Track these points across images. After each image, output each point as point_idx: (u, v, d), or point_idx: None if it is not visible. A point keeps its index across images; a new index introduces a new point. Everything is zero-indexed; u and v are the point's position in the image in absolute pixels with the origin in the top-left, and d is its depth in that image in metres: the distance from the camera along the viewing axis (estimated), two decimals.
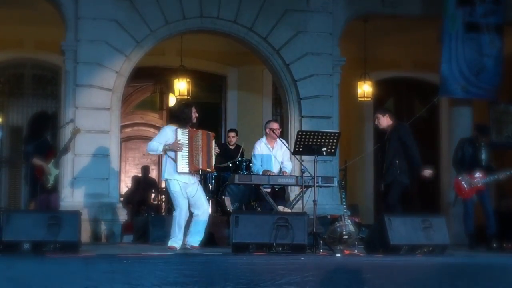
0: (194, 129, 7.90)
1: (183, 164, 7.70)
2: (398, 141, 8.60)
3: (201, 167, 7.76)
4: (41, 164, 8.74)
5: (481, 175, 9.28)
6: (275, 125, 9.08)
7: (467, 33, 11.10)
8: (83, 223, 6.96)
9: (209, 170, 8.02)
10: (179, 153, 7.71)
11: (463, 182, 9.34)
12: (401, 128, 8.78)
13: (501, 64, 11.20)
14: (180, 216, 7.79)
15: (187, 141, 7.75)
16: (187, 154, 7.71)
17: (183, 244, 7.86)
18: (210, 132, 8.07)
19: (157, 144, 7.81)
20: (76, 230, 6.81)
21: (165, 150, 7.77)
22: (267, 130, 9.03)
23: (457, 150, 9.56)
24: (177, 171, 7.71)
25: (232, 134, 10.78)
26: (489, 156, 9.48)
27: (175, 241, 7.83)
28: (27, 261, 5.85)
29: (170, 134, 7.81)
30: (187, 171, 7.72)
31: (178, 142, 7.70)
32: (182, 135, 7.76)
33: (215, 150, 8.08)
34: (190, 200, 7.84)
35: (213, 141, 8.05)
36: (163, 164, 8.01)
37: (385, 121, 8.81)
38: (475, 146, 9.44)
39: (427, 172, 8.60)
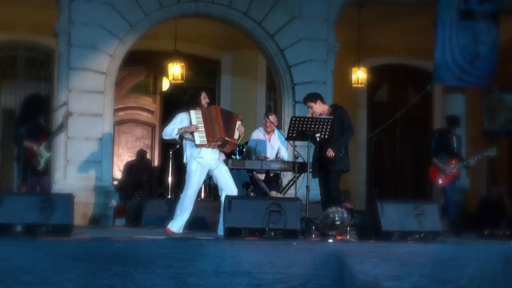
0: (207, 108, 7.76)
1: (201, 138, 7.54)
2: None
3: (218, 135, 7.57)
4: (31, 146, 8.72)
5: (455, 162, 9.55)
6: (272, 117, 9.14)
7: (461, 21, 11.08)
8: (76, 206, 6.93)
9: (228, 139, 7.67)
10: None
11: (440, 172, 9.53)
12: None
13: (496, 52, 11.20)
14: (184, 198, 7.65)
15: (201, 119, 7.60)
16: (203, 129, 7.56)
17: (185, 229, 7.72)
18: (234, 113, 8.02)
19: (172, 127, 7.63)
20: (69, 213, 6.78)
21: (181, 133, 7.61)
22: (264, 120, 9.16)
23: (431, 141, 9.82)
24: (195, 147, 7.55)
25: None
26: (459, 145, 9.76)
27: (174, 225, 7.68)
28: (19, 244, 5.84)
29: (184, 117, 7.65)
30: (205, 144, 7.56)
31: (193, 124, 7.53)
32: (196, 114, 7.61)
33: (239, 129, 7.86)
34: (214, 174, 7.73)
35: (238, 122, 7.88)
36: (183, 149, 7.83)
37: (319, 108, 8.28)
38: (447, 136, 9.70)
39: (331, 153, 8.01)
